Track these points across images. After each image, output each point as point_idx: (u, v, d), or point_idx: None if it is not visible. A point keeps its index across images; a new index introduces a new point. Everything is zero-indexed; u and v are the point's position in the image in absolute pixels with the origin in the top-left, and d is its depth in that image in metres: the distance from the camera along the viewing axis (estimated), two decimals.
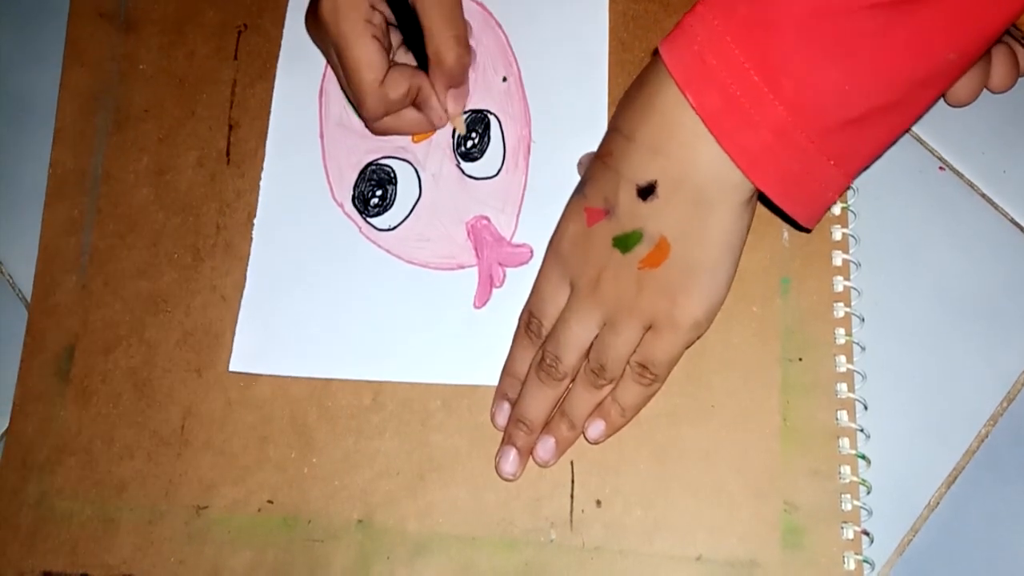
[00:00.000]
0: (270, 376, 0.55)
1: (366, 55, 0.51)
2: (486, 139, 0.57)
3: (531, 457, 0.52)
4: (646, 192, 0.46)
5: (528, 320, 0.52)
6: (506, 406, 0.52)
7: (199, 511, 0.54)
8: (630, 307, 0.48)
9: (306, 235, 0.57)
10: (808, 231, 0.52)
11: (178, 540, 0.54)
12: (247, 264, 0.57)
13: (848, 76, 0.40)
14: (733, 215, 0.46)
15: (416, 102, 0.55)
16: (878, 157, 0.46)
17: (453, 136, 0.57)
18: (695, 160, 0.44)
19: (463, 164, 0.57)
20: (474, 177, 0.57)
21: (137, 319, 0.57)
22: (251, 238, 0.57)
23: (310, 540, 0.53)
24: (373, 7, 0.52)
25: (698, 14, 0.42)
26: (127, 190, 0.59)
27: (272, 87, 0.59)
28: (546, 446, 0.51)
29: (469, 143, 0.57)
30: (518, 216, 0.56)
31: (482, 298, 0.55)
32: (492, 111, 0.57)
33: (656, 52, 0.44)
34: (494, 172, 0.56)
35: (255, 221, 0.57)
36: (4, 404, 0.57)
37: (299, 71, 0.60)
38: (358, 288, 0.56)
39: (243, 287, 0.56)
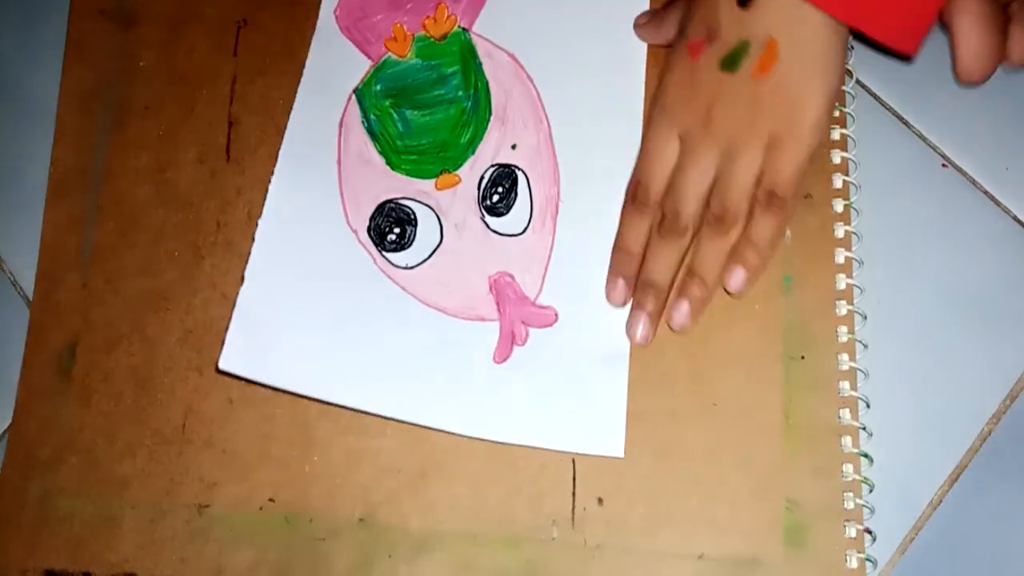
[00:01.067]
0: None
1: None
2: (513, 195, 0.55)
3: (673, 326, 0.52)
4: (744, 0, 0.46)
5: (635, 189, 0.51)
6: (620, 283, 0.52)
7: (201, 509, 0.54)
8: (749, 128, 0.47)
9: (314, 249, 0.55)
10: (910, 60, 0.52)
11: (180, 538, 0.54)
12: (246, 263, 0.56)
13: None
14: (833, 33, 0.46)
15: None
16: None
17: (479, 188, 0.56)
18: None
19: (488, 218, 0.55)
20: (499, 233, 0.55)
21: (138, 317, 0.57)
22: (252, 237, 0.57)
23: (312, 538, 0.53)
24: None
25: None
26: (128, 187, 0.59)
27: (271, 84, 0.59)
28: (681, 311, 0.51)
29: (495, 196, 0.55)
30: (544, 277, 0.54)
31: (503, 354, 0.53)
32: (520, 167, 0.56)
33: None
34: (520, 230, 0.55)
35: (259, 222, 0.56)
36: (7, 402, 0.57)
37: (318, 103, 0.58)
38: (366, 317, 0.54)
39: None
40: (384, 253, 0.55)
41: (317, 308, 0.54)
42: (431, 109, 0.57)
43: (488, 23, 0.58)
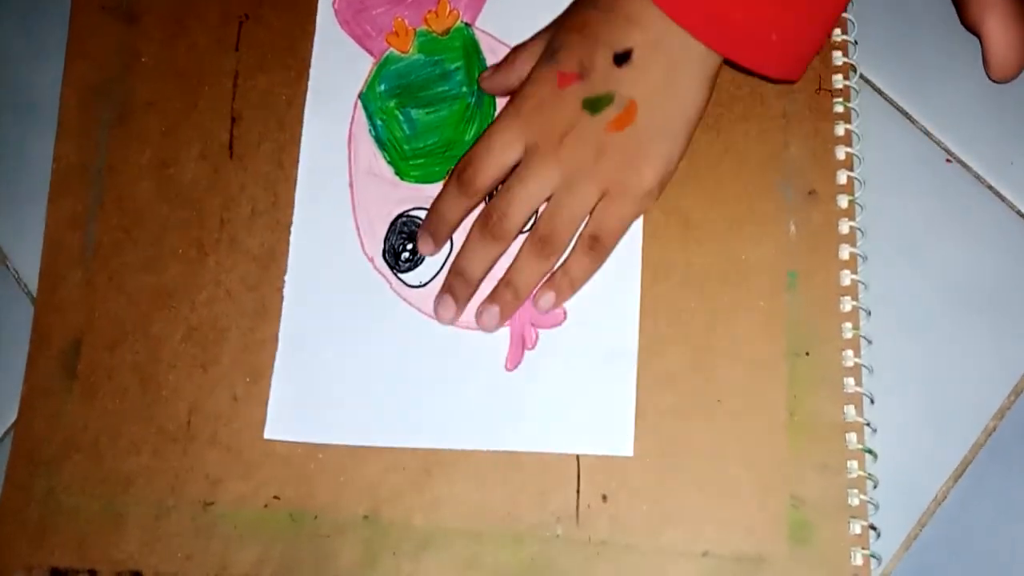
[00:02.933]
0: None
1: None
2: None
3: (480, 326, 0.54)
4: (622, 58, 0.49)
5: (465, 169, 0.52)
6: (430, 239, 0.54)
7: (206, 506, 0.54)
8: (590, 169, 0.50)
9: (337, 294, 0.56)
10: (792, 82, 0.53)
11: (185, 535, 0.54)
12: (252, 260, 0.56)
13: None
14: (698, 84, 0.49)
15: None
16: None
17: None
18: (669, 30, 0.48)
19: None
20: None
21: (142, 314, 0.57)
22: (258, 237, 0.57)
23: (317, 535, 0.53)
24: None
25: None
26: (130, 184, 0.59)
27: (274, 80, 0.59)
28: (491, 312, 0.53)
29: None
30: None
31: (514, 360, 0.53)
32: None
33: None
34: (528, 227, 0.54)
35: (286, 278, 0.56)
36: (12, 399, 0.57)
37: (326, 115, 0.58)
38: (388, 350, 0.54)
39: (248, 284, 0.56)
40: (399, 275, 0.55)
41: (345, 353, 0.55)
42: (436, 107, 0.57)
43: (491, 18, 0.58)
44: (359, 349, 0.55)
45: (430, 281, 0.55)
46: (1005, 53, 0.51)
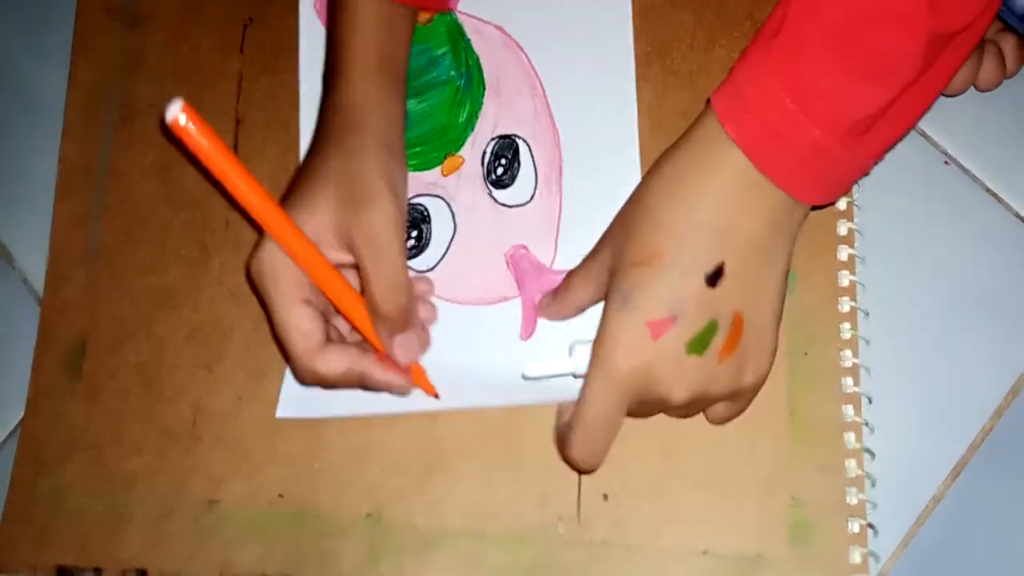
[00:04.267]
0: (278, 372, 0.55)
1: (295, 321, 0.46)
2: (516, 164, 0.56)
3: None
4: (715, 277, 0.42)
5: (563, 448, 0.46)
6: None
7: (209, 506, 0.54)
8: (703, 399, 0.45)
9: None
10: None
11: (188, 535, 0.54)
12: None
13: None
14: (785, 256, 0.44)
15: (362, 384, 0.49)
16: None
17: (483, 164, 0.56)
18: (752, 207, 0.42)
19: (495, 192, 0.56)
20: (507, 205, 0.56)
21: (145, 315, 0.57)
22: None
23: (319, 535, 0.53)
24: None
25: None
26: (134, 185, 0.59)
27: (277, 82, 0.59)
28: None
29: (500, 169, 0.56)
30: (556, 241, 0.55)
31: (528, 330, 0.54)
32: (520, 135, 0.56)
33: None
34: (527, 199, 0.55)
35: None
36: (18, 399, 0.58)
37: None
38: None
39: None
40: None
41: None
42: (426, 95, 0.57)
43: (472, 0, 0.59)
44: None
45: (437, 264, 0.55)
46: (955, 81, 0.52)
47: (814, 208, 0.44)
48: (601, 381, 0.43)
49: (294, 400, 0.54)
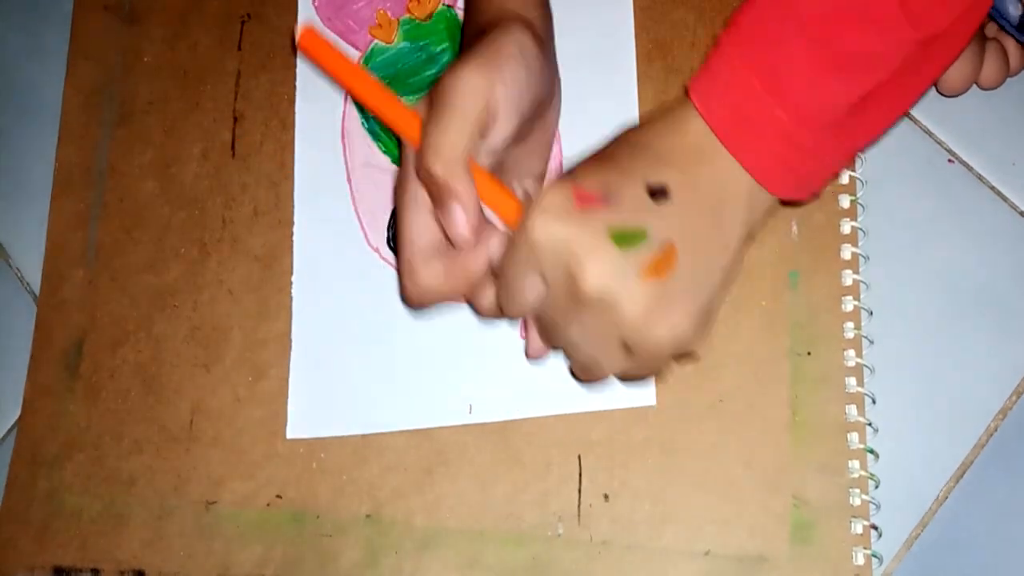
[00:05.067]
0: (277, 371, 0.55)
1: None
2: None
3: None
4: (657, 192, 0.40)
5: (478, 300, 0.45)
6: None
7: (208, 506, 0.54)
8: (612, 311, 0.40)
9: (346, 288, 0.56)
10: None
11: (187, 535, 0.54)
12: (255, 260, 0.56)
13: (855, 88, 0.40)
14: (736, 238, 0.42)
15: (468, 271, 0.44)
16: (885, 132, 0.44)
17: None
18: (712, 171, 0.41)
19: None
20: None
21: (144, 314, 0.57)
22: (260, 237, 0.57)
23: (319, 535, 0.53)
24: None
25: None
26: (132, 184, 0.59)
27: (276, 79, 0.59)
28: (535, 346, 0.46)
29: None
30: None
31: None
32: None
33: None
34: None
35: (292, 279, 0.56)
36: (14, 399, 0.57)
37: (317, 112, 0.58)
38: (403, 336, 0.55)
39: (251, 284, 0.56)
40: None
41: (362, 343, 0.55)
42: (425, 91, 0.57)
43: None
44: (375, 337, 0.55)
45: None
46: (955, 79, 0.52)
47: (784, 204, 0.43)
48: (523, 235, 0.40)
49: (303, 420, 0.54)
